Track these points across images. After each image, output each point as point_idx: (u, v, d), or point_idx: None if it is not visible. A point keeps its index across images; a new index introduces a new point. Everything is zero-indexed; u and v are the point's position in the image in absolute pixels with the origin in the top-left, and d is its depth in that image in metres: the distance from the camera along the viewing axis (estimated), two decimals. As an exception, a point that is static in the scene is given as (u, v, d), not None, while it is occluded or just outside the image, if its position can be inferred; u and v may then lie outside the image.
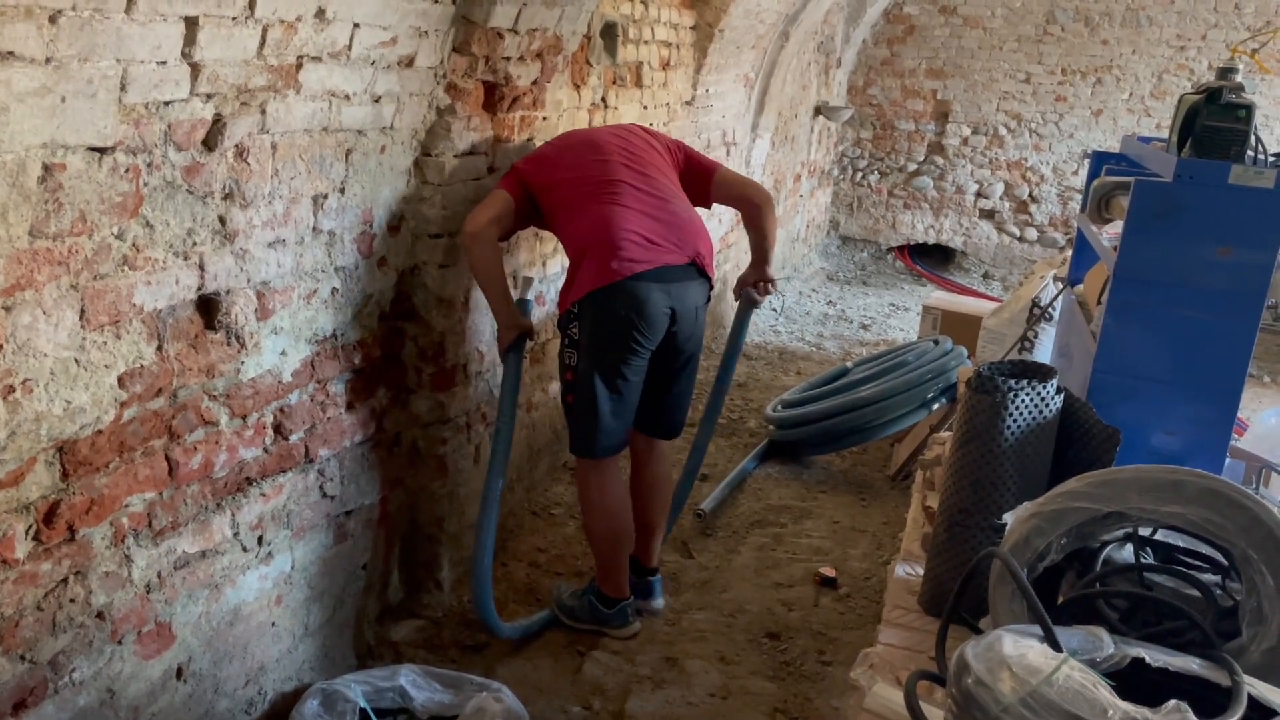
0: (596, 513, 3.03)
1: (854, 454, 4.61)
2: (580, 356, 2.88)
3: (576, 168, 2.97)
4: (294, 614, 2.55)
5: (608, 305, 2.81)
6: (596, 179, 2.94)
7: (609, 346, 2.85)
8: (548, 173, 2.98)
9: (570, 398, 2.95)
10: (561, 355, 2.95)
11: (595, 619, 3.08)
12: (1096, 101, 8.42)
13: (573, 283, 2.87)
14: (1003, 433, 2.19)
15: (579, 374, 2.90)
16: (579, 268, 2.86)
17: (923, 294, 8.00)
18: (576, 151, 3.03)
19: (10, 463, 1.69)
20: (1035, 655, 1.43)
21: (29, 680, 1.80)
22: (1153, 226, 2.38)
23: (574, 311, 2.87)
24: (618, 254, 2.81)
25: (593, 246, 2.83)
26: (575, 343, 2.89)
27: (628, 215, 2.86)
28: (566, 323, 2.91)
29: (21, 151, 1.58)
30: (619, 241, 2.81)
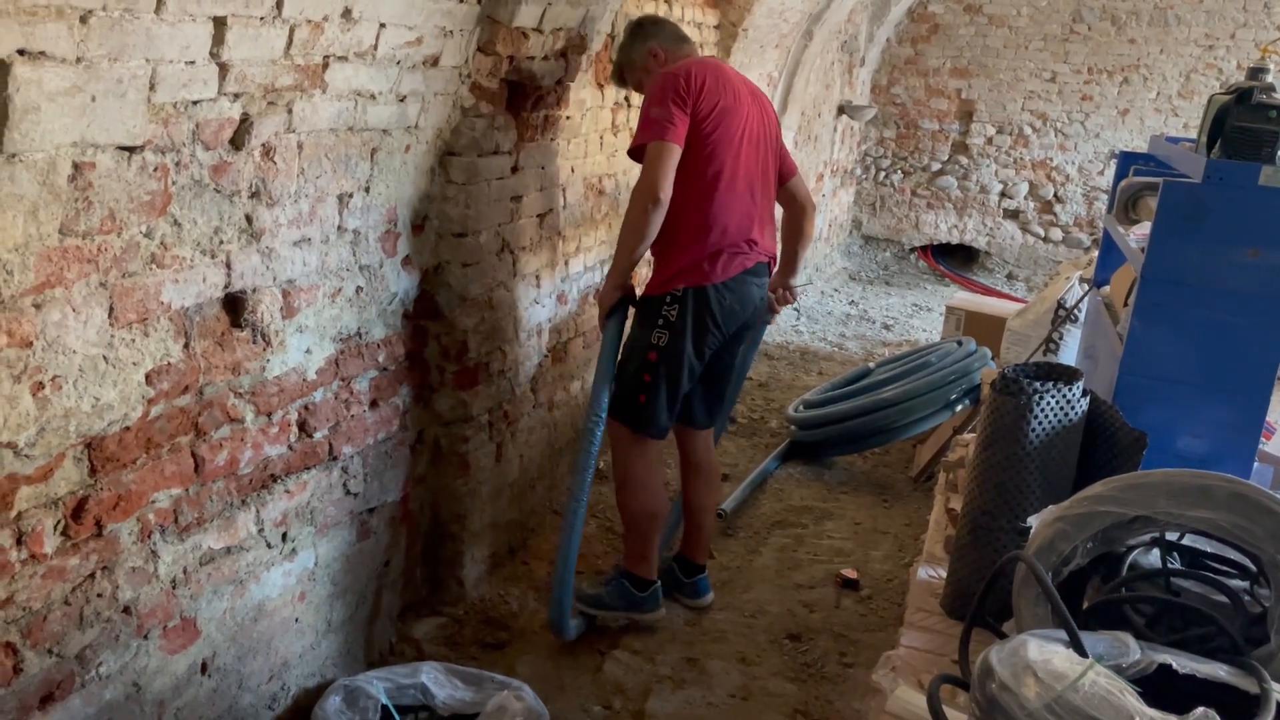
0: (640, 490, 3.02)
1: (876, 455, 4.59)
2: (672, 338, 2.88)
3: (721, 132, 2.85)
4: (317, 610, 2.57)
5: (717, 297, 2.88)
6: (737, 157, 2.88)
7: (706, 333, 2.91)
8: (704, 120, 2.82)
9: (648, 377, 2.91)
10: (646, 334, 2.91)
11: (628, 603, 3.06)
12: (1123, 101, 8.35)
13: (680, 267, 2.87)
14: (1028, 435, 2.18)
15: (664, 354, 2.89)
16: (691, 254, 2.86)
17: (946, 294, 7.96)
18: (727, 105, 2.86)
19: (39, 458, 1.70)
20: (1060, 660, 1.42)
21: (56, 674, 1.82)
22: (1181, 228, 2.36)
23: (677, 294, 2.87)
24: (737, 253, 2.90)
25: (714, 238, 2.85)
26: (670, 324, 2.88)
27: (750, 211, 2.92)
28: (661, 304, 2.89)
29: (52, 150, 1.60)
30: (740, 242, 2.90)
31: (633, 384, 2.94)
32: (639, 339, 2.95)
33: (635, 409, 2.94)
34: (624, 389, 2.96)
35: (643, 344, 2.92)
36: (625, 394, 2.95)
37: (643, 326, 2.94)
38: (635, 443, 2.99)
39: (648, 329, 2.91)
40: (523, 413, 3.44)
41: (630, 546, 3.09)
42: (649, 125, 2.78)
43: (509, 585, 3.27)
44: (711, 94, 2.83)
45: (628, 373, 2.95)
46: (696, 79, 2.81)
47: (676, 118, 2.76)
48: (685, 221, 2.86)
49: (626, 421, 2.97)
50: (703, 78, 2.83)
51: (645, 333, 2.92)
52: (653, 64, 3.03)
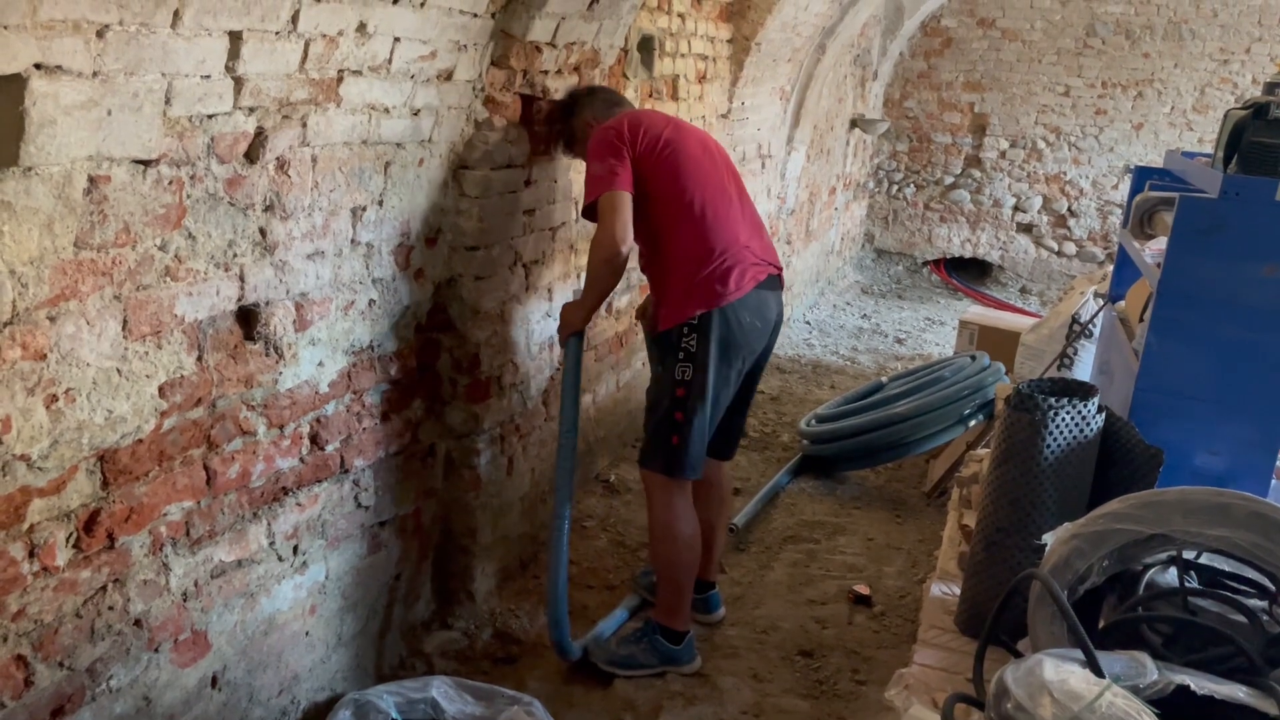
0: (681, 542, 2.89)
1: (888, 470, 4.57)
2: (696, 370, 2.78)
3: (679, 157, 2.85)
4: (328, 624, 2.56)
5: (735, 316, 2.79)
6: (705, 176, 2.88)
7: (732, 357, 2.83)
8: (654, 153, 2.83)
9: (679, 415, 2.80)
10: (671, 371, 2.81)
11: (664, 659, 2.93)
12: (1137, 115, 8.33)
13: (691, 295, 2.79)
14: (1043, 452, 2.16)
15: (692, 389, 2.79)
16: (698, 279, 2.78)
17: (959, 308, 7.94)
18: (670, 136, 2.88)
19: (52, 471, 1.71)
20: (1077, 681, 1.40)
21: (67, 687, 1.82)
22: (1198, 243, 2.34)
23: (693, 323, 2.78)
24: (745, 267, 2.82)
25: (716, 257, 2.79)
26: (691, 355, 2.78)
27: (739, 224, 2.88)
28: (680, 336, 2.79)
29: (68, 164, 1.60)
30: (743, 256, 2.83)
31: (664, 426, 2.83)
32: (662, 378, 2.86)
33: (669, 452, 2.83)
34: (654, 434, 2.86)
35: (667, 382, 2.83)
36: (657, 438, 2.86)
37: (664, 364, 2.85)
38: (671, 489, 2.87)
39: (670, 366, 2.82)
40: (534, 426, 3.44)
41: (665, 599, 2.95)
42: (594, 181, 2.79)
43: (520, 599, 3.26)
44: (649, 131, 2.85)
45: (657, 416, 2.86)
46: (629, 125, 2.84)
47: (618, 167, 2.76)
48: (681, 251, 2.82)
49: (661, 468, 2.86)
50: (635, 121, 2.87)
51: (668, 370, 2.82)
52: (591, 134, 2.98)
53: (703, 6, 4.47)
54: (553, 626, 2.88)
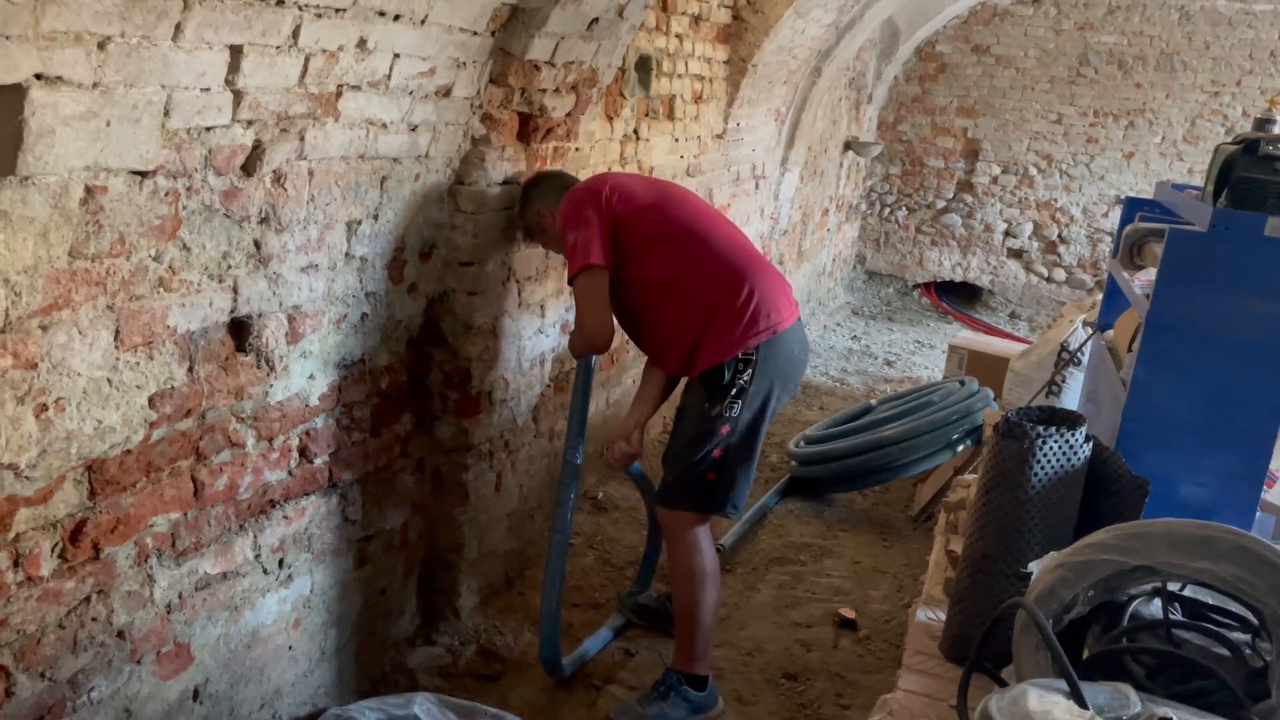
0: (708, 583, 2.81)
1: (876, 493, 4.58)
2: (745, 407, 2.71)
3: (671, 202, 2.86)
4: (311, 638, 2.55)
5: (787, 346, 2.77)
6: (707, 215, 2.89)
7: (780, 391, 2.79)
8: (640, 195, 2.83)
9: (719, 453, 2.72)
10: (717, 409, 2.70)
11: (693, 709, 2.81)
12: (1128, 144, 8.40)
13: (729, 330, 2.70)
14: (1030, 480, 2.17)
15: (738, 426, 2.72)
16: (738, 315, 2.70)
17: (948, 331, 7.97)
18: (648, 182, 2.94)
19: (40, 480, 1.70)
20: (1061, 712, 1.41)
21: (48, 698, 1.81)
22: (1186, 276, 2.37)
23: (749, 355, 2.70)
24: (780, 291, 2.80)
25: (758, 288, 2.73)
26: (743, 391, 2.70)
27: (758, 257, 2.87)
28: (732, 371, 2.70)
29: (65, 174, 1.60)
30: (773, 281, 2.80)
31: (700, 465, 2.73)
32: (703, 416, 2.73)
33: (701, 488, 2.75)
34: (686, 472, 2.75)
35: (710, 420, 2.71)
36: (688, 476, 2.75)
37: (710, 402, 2.71)
38: (698, 528, 2.80)
39: (716, 403, 2.70)
40: (524, 442, 3.43)
41: (687, 644, 2.83)
42: (571, 254, 2.77)
43: (505, 616, 3.25)
44: (626, 184, 2.85)
45: (694, 455, 2.73)
46: (598, 185, 2.82)
47: (593, 233, 2.73)
48: (709, 289, 2.74)
49: (690, 505, 2.77)
50: (603, 180, 2.86)
51: (714, 408, 2.71)
52: (545, 223, 2.97)
53: (700, 28, 4.50)
54: (544, 643, 2.87)
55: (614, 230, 2.77)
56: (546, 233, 3.00)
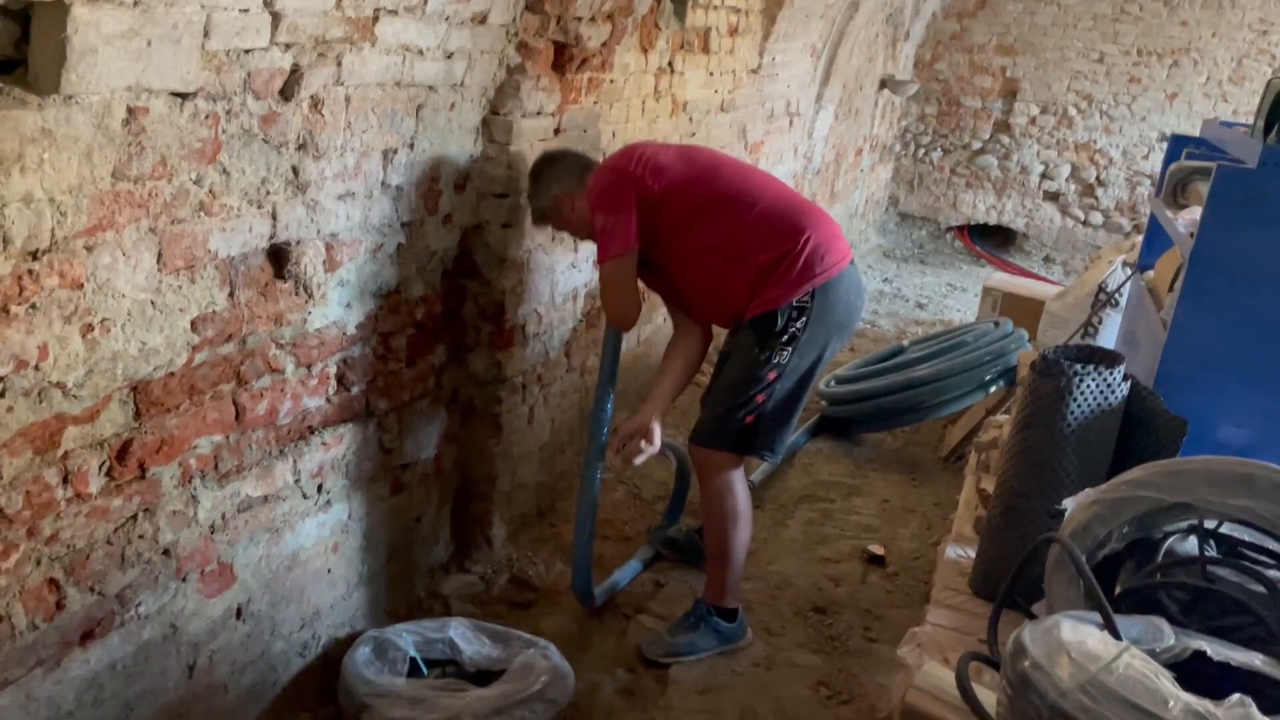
0: (742, 521, 2.83)
1: (906, 433, 4.57)
2: (794, 354, 2.68)
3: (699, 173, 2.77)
4: (349, 562, 2.60)
5: (836, 291, 2.71)
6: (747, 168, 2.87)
7: (834, 335, 2.76)
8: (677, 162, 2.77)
9: (761, 397, 2.69)
10: (764, 359, 2.67)
11: (723, 639, 2.86)
12: (1172, 85, 8.19)
13: (785, 277, 2.65)
14: (1066, 418, 2.15)
15: (786, 372, 2.69)
16: (792, 263, 2.65)
17: (981, 275, 7.88)
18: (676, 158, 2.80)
19: (87, 399, 1.73)
20: (1095, 642, 1.41)
21: (97, 611, 1.86)
22: (1233, 214, 2.32)
23: (804, 302, 2.66)
24: (833, 236, 2.74)
25: (812, 233, 2.68)
26: (794, 338, 2.67)
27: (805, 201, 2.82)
28: (785, 318, 2.66)
29: (107, 93, 1.61)
30: (825, 225, 2.74)
31: (740, 408, 2.71)
32: (752, 362, 2.69)
33: (741, 431, 2.73)
34: (726, 414, 2.74)
35: (758, 366, 2.68)
36: (727, 418, 2.73)
37: (760, 347, 2.68)
38: (732, 468, 2.79)
39: (767, 349, 2.67)
40: (556, 376, 3.45)
41: (717, 578, 2.86)
42: (603, 239, 2.71)
43: (537, 547, 3.30)
44: (655, 157, 2.76)
45: (735, 398, 2.71)
46: (626, 163, 2.74)
47: (627, 217, 2.67)
48: (761, 237, 2.69)
49: (729, 446, 2.76)
50: (630, 157, 2.77)
51: (764, 354, 2.68)
52: (563, 208, 2.85)
53: (737, -42, 4.41)
54: (576, 575, 2.92)
55: (650, 210, 2.70)
56: (565, 218, 2.88)
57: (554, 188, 2.85)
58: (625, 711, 2.59)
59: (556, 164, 2.88)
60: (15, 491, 1.63)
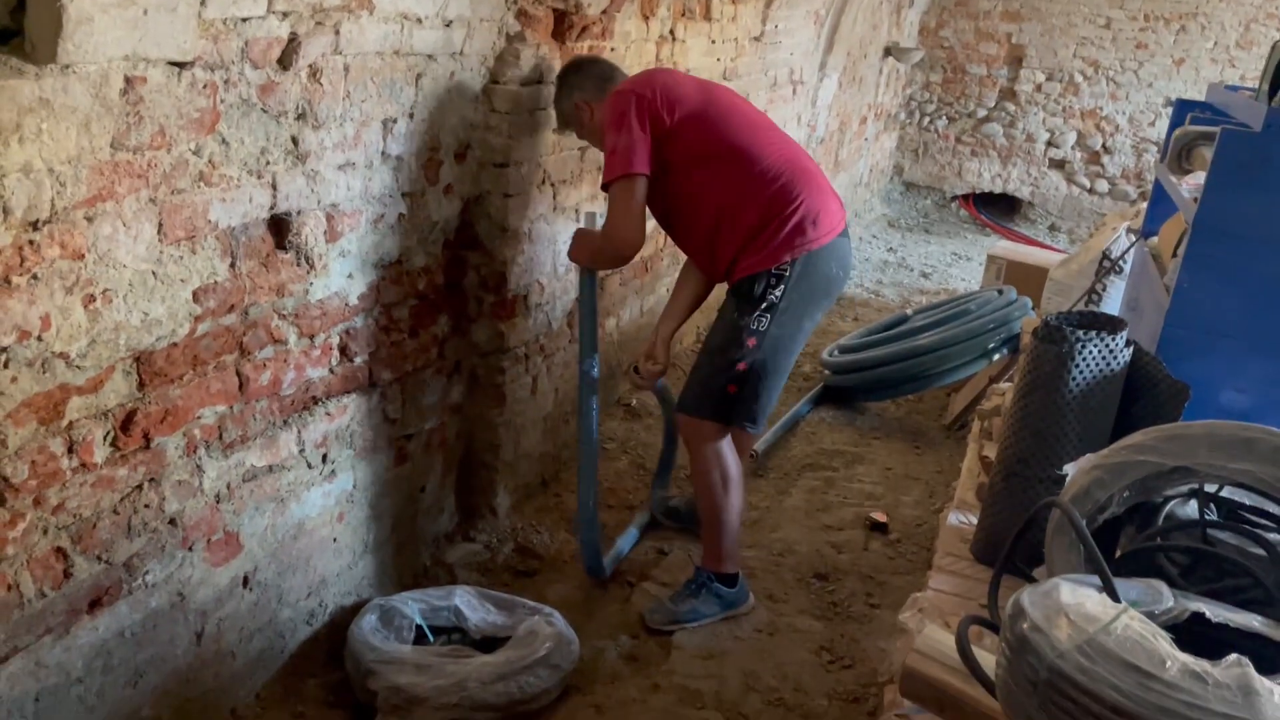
0: (731, 487, 2.83)
1: (909, 402, 4.58)
2: (773, 321, 2.68)
3: (724, 107, 2.74)
4: (354, 531, 2.62)
5: (823, 263, 2.70)
6: (760, 122, 2.79)
7: (813, 307, 2.76)
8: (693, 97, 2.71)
9: (742, 365, 2.70)
10: (745, 320, 2.69)
11: (725, 604, 2.87)
12: (1179, 50, 8.11)
13: (772, 241, 2.66)
14: (1068, 384, 2.15)
15: (765, 339, 2.69)
16: (781, 225, 2.65)
17: (986, 244, 7.85)
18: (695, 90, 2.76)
19: (90, 369, 1.74)
20: (1093, 604, 1.42)
21: (105, 580, 1.88)
22: (1237, 178, 2.30)
23: (783, 270, 2.67)
24: (826, 206, 2.71)
25: (805, 198, 2.68)
26: (773, 306, 2.68)
27: (812, 168, 2.76)
28: (763, 284, 2.67)
29: (105, 63, 1.60)
30: (822, 198, 2.72)
31: (721, 375, 2.73)
32: (732, 326, 2.72)
33: (722, 399, 2.74)
34: (707, 380, 2.76)
35: (737, 331, 2.70)
36: (709, 385, 2.75)
37: (738, 312, 2.71)
38: (715, 436, 2.79)
39: (745, 314, 2.69)
40: (558, 347, 3.45)
41: (714, 545, 2.87)
42: (611, 158, 2.65)
43: (540, 516, 3.32)
44: (674, 87, 2.72)
45: (716, 364, 2.74)
46: (645, 87, 2.68)
47: (637, 140, 2.61)
48: (756, 198, 2.68)
49: (709, 414, 2.77)
50: (650, 81, 2.73)
51: (742, 319, 2.70)
52: (583, 116, 2.83)
53: (739, -76, 4.36)
54: (584, 549, 2.94)
55: (660, 141, 2.67)
56: (584, 126, 2.87)
57: (575, 94, 2.84)
58: (629, 677, 2.61)
59: (582, 70, 2.87)
60: (21, 461, 1.65)
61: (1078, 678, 1.28)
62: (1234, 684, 1.22)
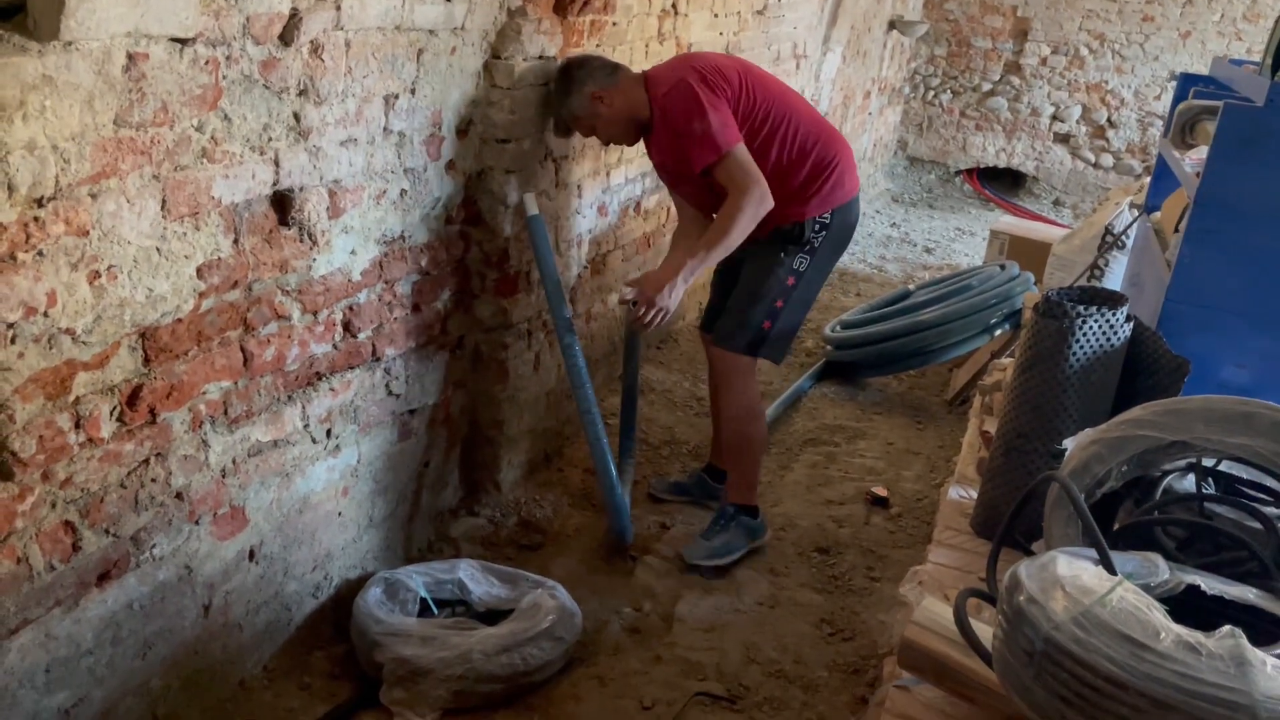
0: (760, 418, 3.09)
1: (911, 377, 4.59)
2: (811, 265, 2.95)
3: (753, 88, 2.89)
4: (359, 505, 2.64)
5: (850, 213, 3.01)
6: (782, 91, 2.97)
7: (835, 254, 3.05)
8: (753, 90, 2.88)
9: (780, 303, 2.94)
10: (785, 263, 2.93)
11: (752, 535, 3.09)
12: (1185, 23, 8.05)
13: (817, 193, 2.91)
14: (1068, 359, 2.16)
15: (802, 280, 2.96)
16: (825, 179, 2.92)
17: (990, 219, 7.83)
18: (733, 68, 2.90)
19: (96, 345, 1.75)
20: (1089, 577, 1.43)
21: (113, 553, 1.90)
22: (1240, 153, 2.30)
23: (825, 220, 2.94)
24: (852, 164, 3.02)
25: (840, 156, 2.95)
26: (814, 250, 2.95)
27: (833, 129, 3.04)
28: (808, 231, 2.93)
29: (107, 40, 1.61)
30: (850, 156, 3.00)
31: (760, 312, 2.95)
32: (775, 267, 2.94)
33: (758, 334, 2.96)
34: (749, 317, 2.95)
35: (780, 271, 2.93)
36: (750, 321, 2.95)
37: (785, 253, 2.93)
38: (750, 374, 3.02)
39: (790, 256, 2.93)
40: (561, 322, 3.46)
41: (744, 477, 3.08)
42: (709, 139, 2.73)
43: (544, 490, 3.34)
44: (719, 65, 2.87)
45: (758, 302, 2.94)
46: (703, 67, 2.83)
47: (727, 118, 2.76)
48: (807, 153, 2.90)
49: (750, 349, 2.97)
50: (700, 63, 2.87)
51: (787, 260, 2.93)
52: (600, 107, 2.89)
53: (742, -104, 4.33)
54: (611, 514, 3.00)
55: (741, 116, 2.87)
56: (601, 117, 2.91)
57: (588, 85, 2.88)
58: (632, 648, 2.64)
59: (584, 65, 2.93)
60: (29, 436, 1.66)
61: (1073, 649, 1.30)
62: (1227, 655, 1.24)
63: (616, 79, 2.89)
